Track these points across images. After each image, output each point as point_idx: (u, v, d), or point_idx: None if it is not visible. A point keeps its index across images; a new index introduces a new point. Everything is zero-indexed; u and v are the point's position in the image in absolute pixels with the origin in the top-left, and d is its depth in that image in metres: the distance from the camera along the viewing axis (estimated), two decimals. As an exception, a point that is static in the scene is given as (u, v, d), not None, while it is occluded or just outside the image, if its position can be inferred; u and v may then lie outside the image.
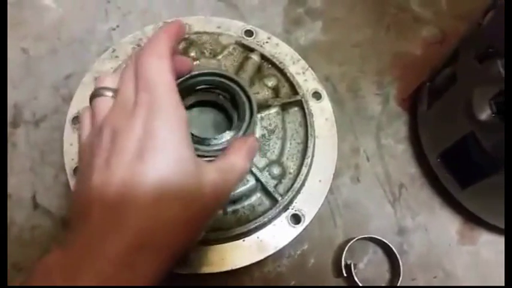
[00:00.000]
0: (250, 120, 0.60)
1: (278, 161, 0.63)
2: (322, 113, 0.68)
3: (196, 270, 0.57)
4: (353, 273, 0.61)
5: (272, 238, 0.60)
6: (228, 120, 0.68)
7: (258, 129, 0.64)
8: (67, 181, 0.61)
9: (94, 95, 0.43)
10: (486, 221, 0.66)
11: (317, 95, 0.69)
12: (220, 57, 0.69)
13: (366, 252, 0.66)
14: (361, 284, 0.61)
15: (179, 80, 0.60)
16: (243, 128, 0.59)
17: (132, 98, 0.39)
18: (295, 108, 0.67)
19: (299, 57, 0.72)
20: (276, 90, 0.68)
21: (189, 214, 0.38)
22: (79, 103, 0.65)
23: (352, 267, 0.62)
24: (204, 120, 0.71)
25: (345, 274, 0.62)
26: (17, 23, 0.77)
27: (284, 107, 0.66)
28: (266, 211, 0.60)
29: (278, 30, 0.81)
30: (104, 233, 0.35)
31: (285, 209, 0.61)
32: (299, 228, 0.60)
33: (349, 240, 0.64)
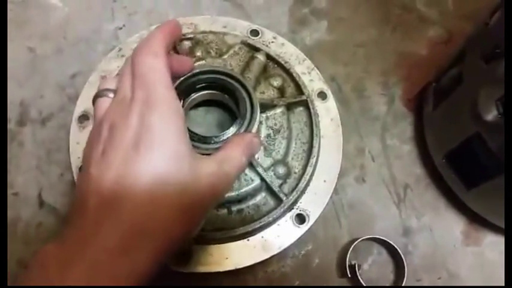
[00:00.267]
0: (251, 116, 0.60)
1: (283, 161, 0.63)
2: (327, 113, 0.68)
3: (200, 269, 0.57)
4: (357, 273, 0.61)
5: (276, 238, 0.60)
6: (233, 119, 0.68)
7: (264, 128, 0.64)
8: (73, 179, 0.61)
9: (97, 96, 0.44)
10: (491, 222, 0.65)
11: (322, 95, 0.69)
12: (226, 56, 0.69)
13: (371, 252, 0.66)
14: (365, 285, 0.61)
15: (179, 80, 0.61)
16: (245, 125, 0.59)
17: (129, 95, 0.40)
18: (300, 108, 0.67)
19: (305, 57, 0.72)
20: (282, 90, 0.68)
21: (185, 205, 0.38)
22: (85, 102, 0.65)
23: (356, 267, 0.62)
24: (210, 119, 0.71)
25: (349, 275, 0.62)
26: (23, 22, 0.78)
27: (289, 107, 0.66)
28: (271, 211, 0.60)
29: (284, 30, 0.81)
30: (100, 224, 0.35)
31: (290, 209, 0.61)
32: (304, 228, 0.61)
33: (353, 240, 0.64)
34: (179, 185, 0.38)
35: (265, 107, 0.64)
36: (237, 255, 0.58)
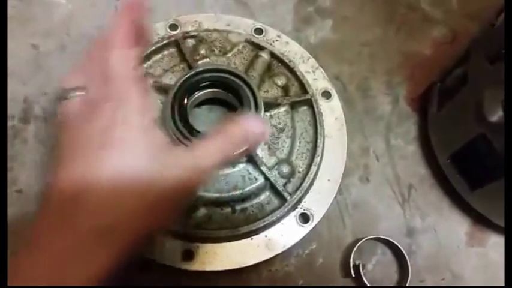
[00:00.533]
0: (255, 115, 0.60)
1: (287, 160, 0.63)
2: (331, 112, 0.68)
3: (204, 267, 0.57)
4: (361, 273, 0.61)
5: (280, 237, 0.60)
6: (237, 118, 0.68)
7: (268, 127, 0.63)
8: (76, 177, 0.61)
9: (62, 97, 0.43)
10: (496, 223, 0.65)
11: (327, 94, 0.69)
12: (229, 55, 0.69)
13: (375, 252, 0.66)
14: (369, 285, 0.61)
15: (183, 78, 0.60)
16: None
17: (97, 92, 0.40)
18: (304, 107, 0.67)
19: (309, 55, 0.72)
20: (286, 88, 0.68)
21: (151, 201, 0.38)
22: (89, 100, 0.65)
23: (360, 267, 0.62)
24: (213, 118, 0.71)
25: (353, 274, 0.62)
26: (27, 19, 0.77)
27: (293, 106, 0.66)
28: (275, 210, 0.60)
29: (288, 28, 0.80)
30: (57, 224, 0.35)
31: (294, 208, 0.61)
32: (307, 227, 0.60)
33: (357, 240, 0.64)
34: (144, 181, 0.37)
35: (269, 106, 0.64)
36: (241, 254, 0.58)
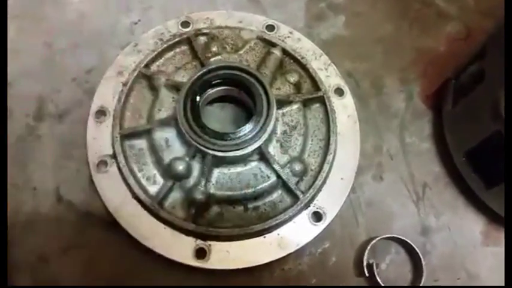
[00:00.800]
0: (267, 113, 0.59)
1: (300, 158, 0.62)
2: (344, 110, 0.67)
3: (216, 266, 0.57)
4: (375, 273, 0.60)
5: (293, 235, 0.59)
6: (247, 116, 0.68)
7: (280, 125, 0.63)
8: (90, 175, 0.61)
9: None
10: None
11: (339, 91, 0.68)
12: (241, 52, 0.68)
13: (388, 251, 0.65)
14: (383, 284, 0.60)
15: (195, 76, 0.60)
16: (261, 122, 0.59)
17: None
18: (317, 104, 0.66)
19: (321, 52, 0.71)
20: (298, 86, 0.67)
21: None
22: (102, 97, 0.65)
23: (374, 266, 0.61)
24: (224, 115, 0.71)
25: (367, 274, 0.61)
26: (40, 18, 0.78)
27: (306, 103, 0.66)
28: (287, 208, 0.59)
29: (300, 25, 0.79)
30: None
31: (306, 207, 0.60)
32: (321, 226, 0.60)
33: (371, 239, 0.63)
34: None
35: (281, 104, 0.63)
36: (254, 252, 0.58)
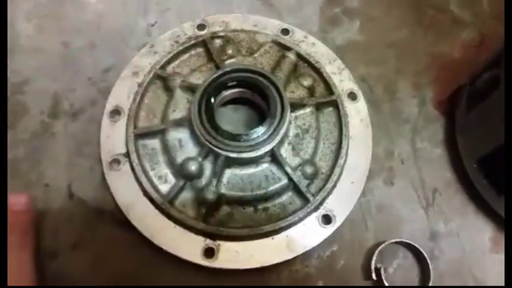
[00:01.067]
0: (281, 116, 0.60)
1: (311, 161, 0.63)
2: (357, 114, 0.67)
3: (224, 265, 0.58)
4: (383, 277, 0.61)
5: (302, 238, 0.60)
6: (260, 118, 0.69)
7: (292, 128, 0.64)
8: (102, 173, 0.63)
9: None
10: (522, 230, 0.64)
11: (353, 96, 0.69)
12: (256, 55, 0.69)
13: (396, 256, 0.65)
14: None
15: (211, 78, 0.61)
16: (274, 124, 0.59)
17: None
18: (330, 108, 0.67)
19: (335, 56, 0.72)
20: (312, 89, 0.68)
21: None
22: (117, 97, 0.66)
23: (382, 271, 0.61)
24: (237, 117, 0.71)
25: (375, 278, 0.61)
26: (58, 17, 0.79)
27: (319, 107, 0.66)
28: (297, 210, 0.60)
29: (314, 29, 0.80)
30: None
31: (316, 209, 0.61)
32: (330, 229, 0.60)
33: (379, 243, 0.63)
34: None
35: (294, 107, 0.64)
36: (262, 253, 0.58)
